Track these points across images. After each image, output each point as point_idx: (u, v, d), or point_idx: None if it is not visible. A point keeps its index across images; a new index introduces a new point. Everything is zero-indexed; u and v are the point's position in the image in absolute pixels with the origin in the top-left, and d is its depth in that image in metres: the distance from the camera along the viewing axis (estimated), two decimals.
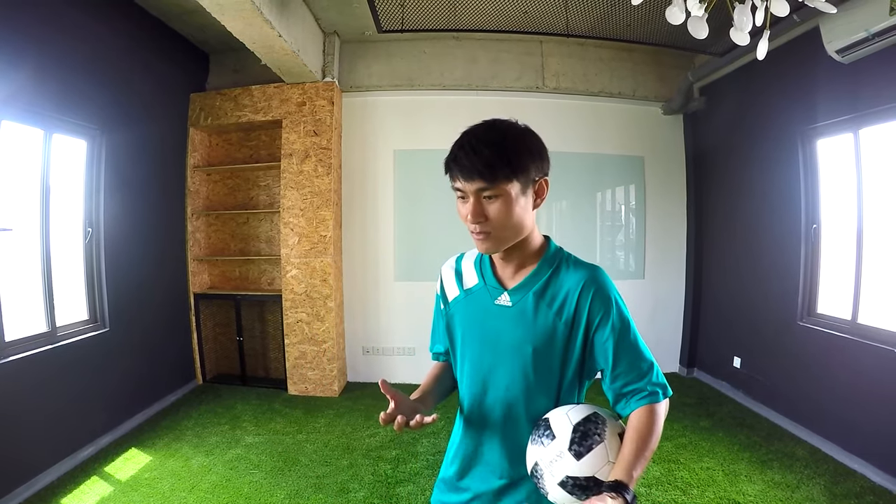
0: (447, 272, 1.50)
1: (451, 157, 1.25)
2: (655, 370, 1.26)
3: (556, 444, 1.16)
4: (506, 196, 1.21)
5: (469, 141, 1.22)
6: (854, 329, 3.87)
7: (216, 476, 3.65)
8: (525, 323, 1.30)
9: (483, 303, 1.37)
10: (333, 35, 5.23)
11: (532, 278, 1.33)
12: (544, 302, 1.30)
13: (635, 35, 4.74)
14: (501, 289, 1.36)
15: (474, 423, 1.40)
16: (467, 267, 1.46)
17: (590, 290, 1.27)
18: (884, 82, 3.56)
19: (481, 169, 1.19)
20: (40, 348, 3.53)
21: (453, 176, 1.25)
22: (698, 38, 2.20)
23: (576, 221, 5.92)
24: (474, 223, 1.24)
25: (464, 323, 1.41)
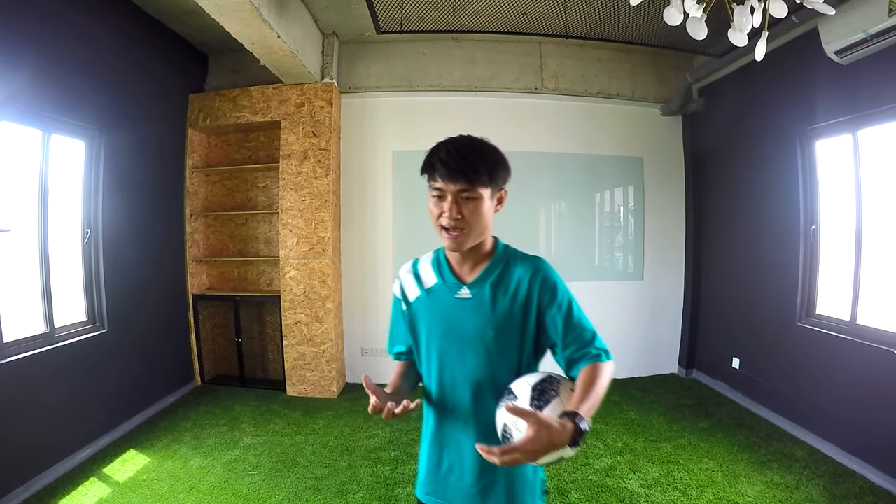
0: (406, 276, 1.64)
1: (434, 159, 1.40)
2: (598, 338, 1.47)
3: (518, 402, 1.29)
4: (480, 199, 1.40)
5: (454, 147, 1.40)
6: (853, 330, 3.87)
7: (215, 477, 3.65)
8: (484, 311, 1.48)
9: (445, 298, 1.54)
10: (332, 36, 5.23)
11: (487, 272, 1.52)
12: (500, 291, 1.49)
13: (634, 36, 4.74)
14: (461, 284, 1.53)
15: (447, 408, 1.55)
16: (425, 269, 1.61)
17: (537, 277, 1.49)
18: (882, 83, 3.56)
19: (466, 172, 1.37)
20: (38, 349, 3.53)
21: (434, 176, 1.41)
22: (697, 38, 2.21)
23: (574, 222, 5.92)
24: (452, 220, 1.39)
25: (428, 318, 1.56)
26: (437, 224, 1.44)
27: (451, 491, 1.55)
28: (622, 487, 3.50)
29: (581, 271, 5.86)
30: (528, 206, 5.79)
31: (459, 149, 1.40)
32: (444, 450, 1.57)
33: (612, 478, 3.63)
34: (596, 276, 5.92)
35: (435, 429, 1.59)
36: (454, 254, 1.53)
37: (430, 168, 1.42)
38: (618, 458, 3.92)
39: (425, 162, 1.44)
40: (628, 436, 4.32)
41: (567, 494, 3.42)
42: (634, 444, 4.17)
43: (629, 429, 4.46)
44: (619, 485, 3.54)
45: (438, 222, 1.43)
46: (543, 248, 5.90)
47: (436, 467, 1.59)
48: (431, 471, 1.60)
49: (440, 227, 1.43)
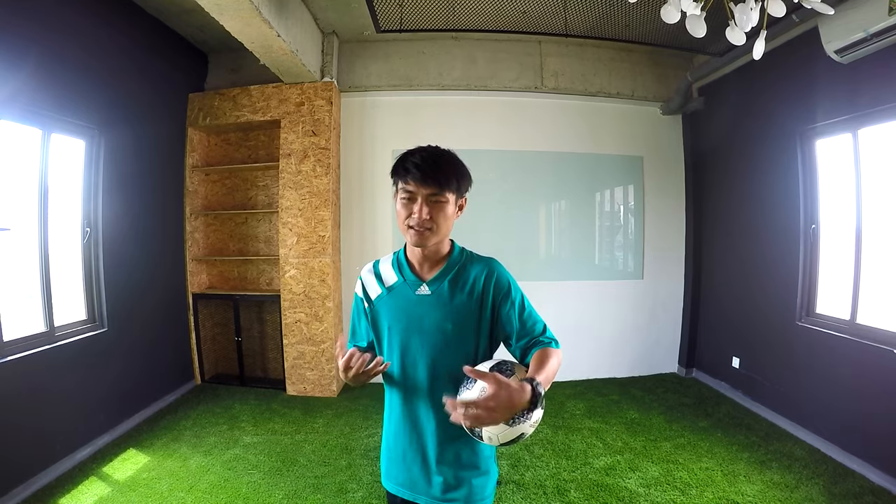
0: (368, 276, 1.76)
1: (408, 164, 1.52)
2: (548, 329, 1.66)
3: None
4: (446, 203, 1.54)
5: (427, 155, 1.53)
6: (853, 329, 3.88)
7: (214, 476, 3.65)
8: (443, 306, 1.62)
9: (405, 295, 1.66)
10: (332, 35, 5.23)
11: (445, 271, 1.66)
12: (457, 288, 1.63)
13: (634, 35, 4.75)
14: (420, 282, 1.66)
15: (409, 396, 1.67)
16: (386, 269, 1.74)
17: (492, 276, 1.64)
18: (882, 82, 3.56)
19: (437, 177, 1.50)
20: (38, 348, 3.53)
21: (406, 179, 1.52)
22: (696, 36, 2.21)
23: (574, 221, 5.91)
24: (422, 220, 1.52)
25: (390, 315, 1.68)
26: (404, 224, 1.55)
27: (416, 480, 1.67)
28: (622, 486, 3.50)
29: (581, 270, 5.86)
30: (527, 205, 5.79)
31: (431, 156, 1.53)
32: (408, 438, 1.68)
33: (611, 477, 3.63)
34: (596, 275, 5.91)
35: (398, 417, 1.71)
36: (415, 254, 1.67)
37: (403, 172, 1.53)
38: (617, 458, 3.92)
39: (397, 166, 1.56)
40: (628, 435, 4.32)
41: (567, 493, 3.42)
42: (634, 443, 4.17)
43: (629, 428, 4.46)
44: (619, 484, 3.54)
45: (406, 222, 1.55)
46: (543, 248, 5.90)
47: (401, 458, 1.71)
48: (396, 461, 1.73)
49: (406, 226, 1.55)
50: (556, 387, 5.44)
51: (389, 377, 1.72)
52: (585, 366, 5.80)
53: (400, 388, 1.69)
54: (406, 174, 1.52)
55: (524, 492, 3.44)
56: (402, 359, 1.66)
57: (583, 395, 5.26)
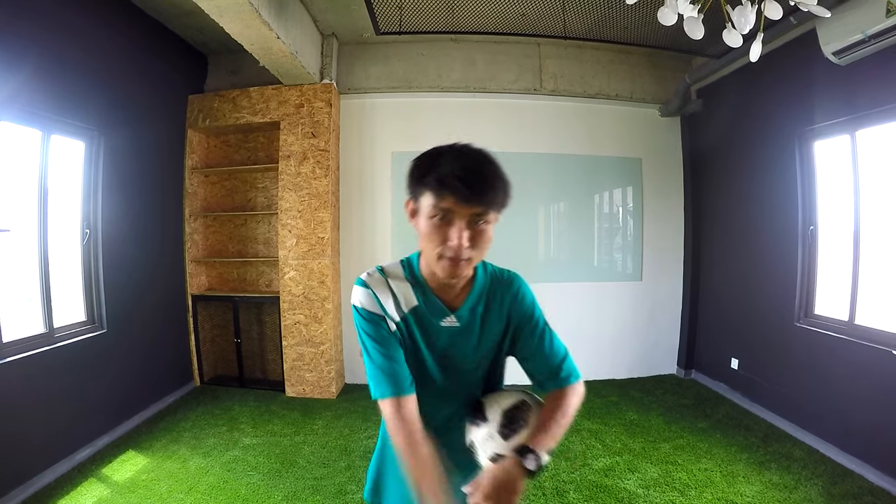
0: (384, 292, 1.36)
1: (444, 174, 1.17)
2: (568, 358, 1.45)
3: (488, 426, 1.31)
4: (490, 224, 1.24)
5: (470, 162, 1.20)
6: (851, 330, 3.88)
7: (214, 478, 3.65)
8: (472, 340, 1.40)
9: (427, 324, 1.38)
10: (332, 37, 5.24)
11: (476, 299, 1.40)
12: (490, 317, 1.41)
13: (633, 37, 4.76)
14: (446, 311, 1.38)
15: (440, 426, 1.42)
16: (400, 288, 1.38)
17: (517, 296, 1.43)
18: (880, 84, 3.58)
19: (485, 193, 1.18)
20: (38, 349, 3.52)
21: (443, 194, 1.17)
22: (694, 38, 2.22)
23: (573, 223, 5.92)
24: (462, 248, 1.20)
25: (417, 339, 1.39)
26: (436, 252, 1.22)
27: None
28: (621, 488, 3.50)
29: (580, 272, 5.86)
30: (526, 207, 5.79)
31: (475, 164, 1.20)
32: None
33: (610, 478, 3.63)
34: (595, 276, 5.92)
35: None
36: (438, 279, 1.33)
37: (438, 185, 1.17)
38: (616, 459, 3.92)
39: (427, 174, 1.21)
40: (627, 436, 4.32)
41: (566, 495, 3.42)
42: (633, 444, 4.17)
43: (628, 429, 4.46)
44: (618, 485, 3.54)
45: (439, 250, 1.22)
46: (542, 249, 5.90)
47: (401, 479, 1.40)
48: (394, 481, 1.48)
49: (439, 255, 1.22)
50: None
51: None
52: (584, 367, 5.69)
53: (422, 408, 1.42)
54: (443, 188, 1.17)
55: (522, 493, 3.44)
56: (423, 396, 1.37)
57: None
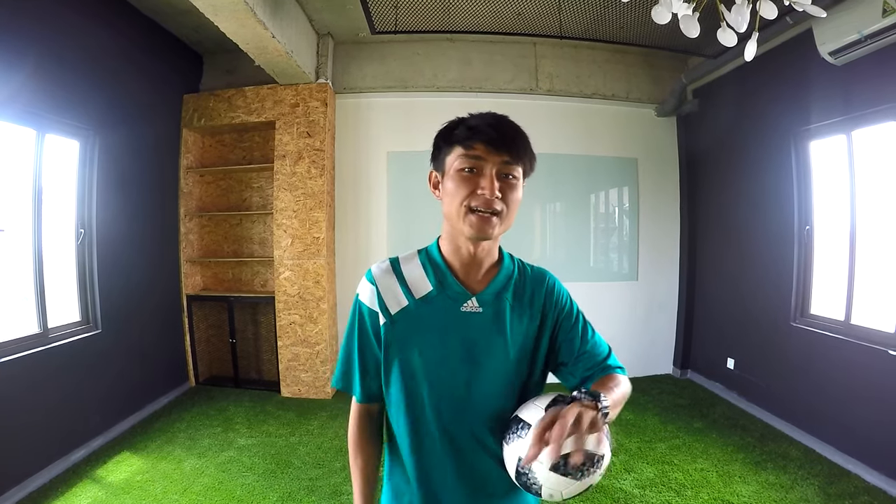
0: (386, 279, 1.26)
1: (475, 124, 1.16)
2: (612, 352, 1.31)
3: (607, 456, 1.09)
4: (518, 182, 1.20)
5: (493, 117, 1.18)
6: (847, 330, 3.89)
7: (208, 478, 3.63)
8: (501, 329, 1.23)
9: (444, 311, 1.22)
10: (327, 36, 5.22)
11: (501, 282, 1.27)
12: (520, 305, 1.26)
13: (628, 37, 4.76)
14: (468, 294, 1.23)
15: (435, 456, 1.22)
16: (413, 272, 1.26)
17: (552, 292, 1.31)
18: (876, 84, 3.58)
19: (514, 142, 1.16)
20: (32, 350, 3.50)
21: (472, 144, 1.14)
22: (690, 36, 2.21)
23: (569, 223, 5.92)
24: (493, 197, 1.13)
25: (418, 336, 1.22)
26: (464, 205, 1.15)
27: None
28: (617, 488, 3.50)
29: (576, 272, 5.86)
30: (523, 207, 5.68)
31: (503, 118, 1.18)
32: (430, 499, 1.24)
33: (606, 478, 3.62)
34: (591, 276, 5.92)
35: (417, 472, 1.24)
36: (460, 254, 1.25)
37: (470, 133, 1.15)
38: (612, 459, 3.91)
39: (459, 129, 1.17)
40: (623, 436, 4.32)
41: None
42: (629, 444, 4.17)
43: (624, 429, 4.46)
44: (614, 485, 3.53)
45: (465, 203, 1.15)
46: (538, 249, 5.91)
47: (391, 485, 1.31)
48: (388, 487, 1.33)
49: (466, 209, 1.15)
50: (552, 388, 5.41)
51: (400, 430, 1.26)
52: None
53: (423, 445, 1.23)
54: (473, 136, 1.14)
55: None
56: (436, 402, 1.21)
57: None
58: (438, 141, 1.23)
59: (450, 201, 1.18)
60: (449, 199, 1.18)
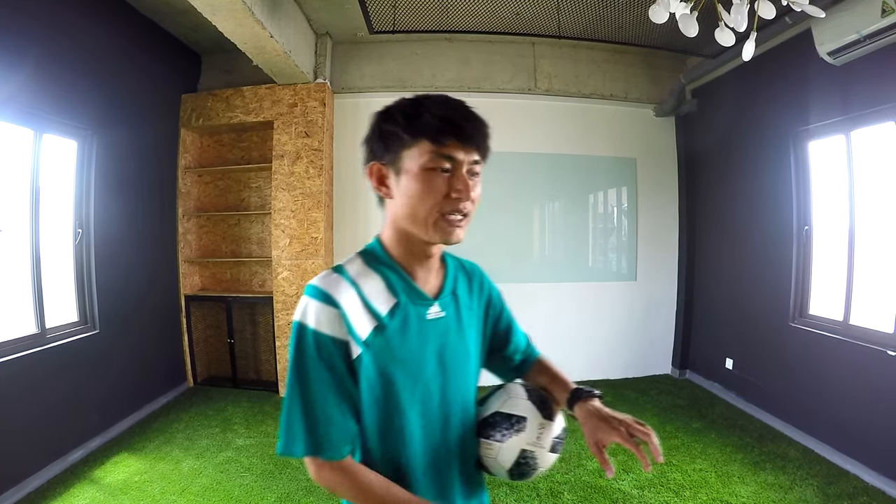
0: (349, 297, 1.05)
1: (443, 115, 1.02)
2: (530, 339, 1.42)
3: (532, 421, 1.17)
4: (479, 178, 1.11)
5: (461, 107, 1.06)
6: (846, 330, 3.88)
7: (207, 479, 3.63)
8: (462, 330, 1.19)
9: (415, 323, 1.11)
10: (325, 36, 5.22)
11: (451, 280, 1.22)
12: (467, 301, 1.24)
13: (627, 37, 4.75)
14: (431, 300, 1.15)
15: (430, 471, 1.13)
16: (372, 284, 1.10)
17: (485, 284, 1.33)
18: (875, 84, 3.58)
19: (482, 141, 1.07)
20: (30, 350, 3.50)
21: (444, 141, 1.01)
22: (688, 35, 2.20)
23: (568, 223, 5.92)
24: (467, 200, 1.05)
25: (396, 359, 1.07)
26: (437, 209, 1.03)
27: None
28: (615, 488, 3.50)
29: (575, 272, 5.86)
30: (521, 207, 5.79)
31: (468, 109, 1.06)
32: None
33: (604, 479, 3.62)
34: (589, 276, 5.92)
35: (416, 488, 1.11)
36: (416, 257, 1.14)
37: (442, 126, 1.01)
38: (611, 459, 3.90)
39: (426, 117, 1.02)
40: None
41: (560, 496, 3.41)
42: None
43: None
44: (613, 486, 3.53)
45: (440, 207, 1.03)
46: (537, 249, 5.91)
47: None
48: None
49: (440, 213, 1.04)
50: None
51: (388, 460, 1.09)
52: (579, 367, 5.78)
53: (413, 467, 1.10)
54: (445, 129, 1.01)
55: (517, 494, 3.43)
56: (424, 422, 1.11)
57: None
58: (392, 128, 1.07)
59: (414, 204, 1.04)
60: (413, 202, 1.05)
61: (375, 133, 1.13)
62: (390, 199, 1.12)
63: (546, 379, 1.30)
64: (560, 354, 5.34)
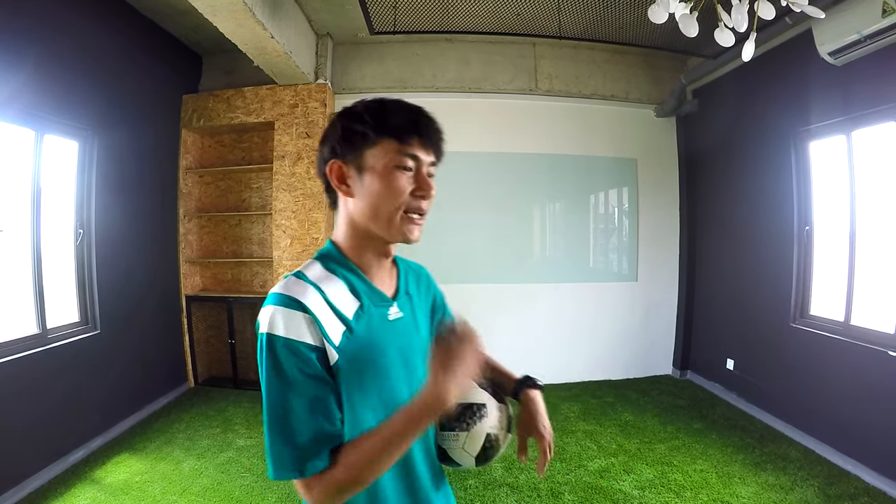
0: (317, 303, 1.01)
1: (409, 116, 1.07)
2: None
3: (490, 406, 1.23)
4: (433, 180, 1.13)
5: (419, 110, 1.10)
6: (847, 330, 3.88)
7: (207, 479, 3.63)
8: (418, 328, 1.22)
9: (380, 326, 1.11)
10: (326, 37, 5.22)
11: (404, 279, 1.25)
12: (418, 299, 1.28)
13: (628, 37, 4.74)
14: (389, 300, 1.16)
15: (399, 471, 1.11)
16: (335, 290, 1.07)
17: (431, 282, 1.38)
18: (876, 84, 3.57)
19: (439, 142, 1.12)
20: (31, 350, 3.50)
21: (410, 140, 1.05)
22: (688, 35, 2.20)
23: (569, 224, 5.91)
24: (429, 199, 1.09)
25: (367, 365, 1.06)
26: (400, 209, 1.06)
27: None
28: (616, 489, 3.49)
29: (576, 272, 5.85)
30: (522, 208, 5.78)
31: (426, 112, 1.11)
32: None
33: (605, 479, 3.62)
34: (590, 277, 5.91)
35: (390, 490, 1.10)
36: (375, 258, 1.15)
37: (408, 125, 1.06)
38: (612, 460, 3.91)
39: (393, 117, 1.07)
40: (622, 437, 4.31)
41: (560, 496, 3.41)
42: (628, 445, 4.16)
43: (623, 430, 4.45)
44: (613, 486, 3.53)
45: (408, 204, 1.06)
46: (538, 250, 5.90)
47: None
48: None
49: (402, 212, 1.06)
50: (551, 389, 5.43)
51: None
52: (580, 368, 5.78)
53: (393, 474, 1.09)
54: (411, 128, 1.06)
55: (518, 494, 3.43)
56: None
57: (577, 397, 5.26)
58: (357, 126, 1.07)
59: (378, 202, 1.05)
60: (376, 200, 1.05)
61: (337, 132, 1.11)
62: (351, 197, 1.10)
63: (490, 371, 1.38)
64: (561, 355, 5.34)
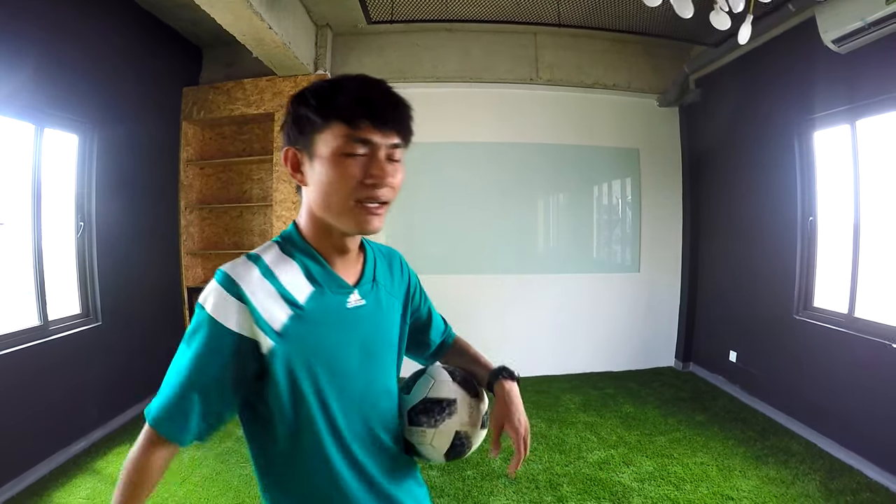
0: (262, 289, 1.00)
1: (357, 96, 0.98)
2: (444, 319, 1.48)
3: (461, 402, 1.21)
4: (401, 164, 1.06)
5: (378, 86, 1.01)
6: (850, 323, 3.84)
7: (207, 469, 3.65)
8: (383, 317, 1.19)
9: (334, 312, 1.08)
10: (325, 27, 5.19)
11: (370, 267, 1.19)
12: (388, 287, 1.23)
13: (629, 26, 4.69)
14: (350, 288, 1.12)
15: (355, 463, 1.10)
16: (289, 272, 1.05)
17: (405, 267, 1.34)
18: (881, 72, 3.52)
19: (403, 121, 1.03)
20: (32, 342, 3.52)
21: (358, 122, 0.97)
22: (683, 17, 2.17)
23: (571, 215, 5.89)
24: (385, 187, 1.01)
25: (312, 351, 1.04)
26: (353, 196, 0.99)
27: None
28: (615, 481, 3.49)
29: (578, 263, 5.83)
30: (524, 198, 5.76)
31: (385, 88, 1.02)
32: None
33: (605, 471, 3.61)
34: (593, 268, 5.88)
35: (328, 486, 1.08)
36: (336, 244, 1.10)
37: (356, 106, 0.97)
38: (611, 452, 3.90)
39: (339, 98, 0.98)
40: (623, 429, 4.30)
41: (559, 488, 3.40)
42: (629, 437, 4.15)
43: (624, 422, 4.44)
44: (613, 478, 3.52)
45: (358, 193, 0.99)
46: (540, 241, 5.88)
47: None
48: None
49: (356, 201, 1.00)
50: (552, 380, 5.42)
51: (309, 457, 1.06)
52: (581, 359, 5.77)
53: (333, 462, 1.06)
54: (359, 109, 0.97)
55: (516, 486, 3.43)
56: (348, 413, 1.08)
57: (578, 388, 5.24)
58: (303, 110, 1.01)
59: (328, 191, 1.00)
60: (326, 189, 1.00)
61: (290, 116, 1.05)
62: (305, 185, 1.06)
63: (466, 360, 1.38)
64: (562, 346, 5.32)
